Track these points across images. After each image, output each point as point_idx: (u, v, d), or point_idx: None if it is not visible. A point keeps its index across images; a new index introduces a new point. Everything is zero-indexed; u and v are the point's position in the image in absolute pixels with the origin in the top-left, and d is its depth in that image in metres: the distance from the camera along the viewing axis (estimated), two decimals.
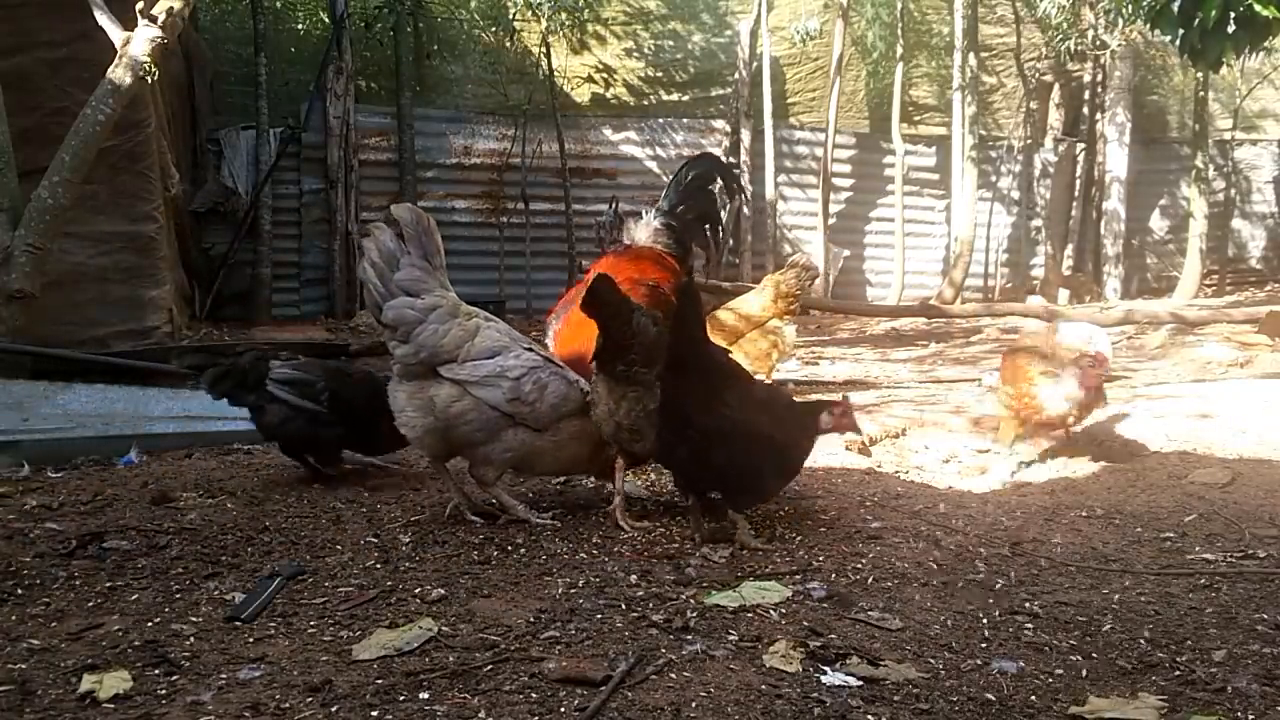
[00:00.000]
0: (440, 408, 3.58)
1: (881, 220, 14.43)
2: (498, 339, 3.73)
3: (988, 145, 14.58)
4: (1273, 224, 16.35)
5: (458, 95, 12.74)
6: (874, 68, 14.14)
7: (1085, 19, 13.51)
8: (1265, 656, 2.57)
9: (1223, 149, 15.58)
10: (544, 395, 3.67)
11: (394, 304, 3.60)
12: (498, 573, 3.16)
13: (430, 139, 12.58)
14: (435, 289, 3.69)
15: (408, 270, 3.64)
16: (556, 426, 3.73)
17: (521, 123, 12.59)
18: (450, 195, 12.80)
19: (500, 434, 3.64)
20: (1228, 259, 15.93)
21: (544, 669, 2.39)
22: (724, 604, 2.86)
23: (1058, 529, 3.77)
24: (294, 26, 12.51)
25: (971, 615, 2.85)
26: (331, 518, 3.78)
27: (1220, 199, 15.63)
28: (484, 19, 12.79)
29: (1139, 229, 15.42)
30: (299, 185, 11.98)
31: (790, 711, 2.22)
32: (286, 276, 11.96)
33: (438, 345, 3.58)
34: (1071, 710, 2.26)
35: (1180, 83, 15.23)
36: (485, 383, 3.59)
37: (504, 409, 3.61)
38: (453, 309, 3.70)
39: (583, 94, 13.22)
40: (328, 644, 2.59)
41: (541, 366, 3.71)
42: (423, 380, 3.61)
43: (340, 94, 11.75)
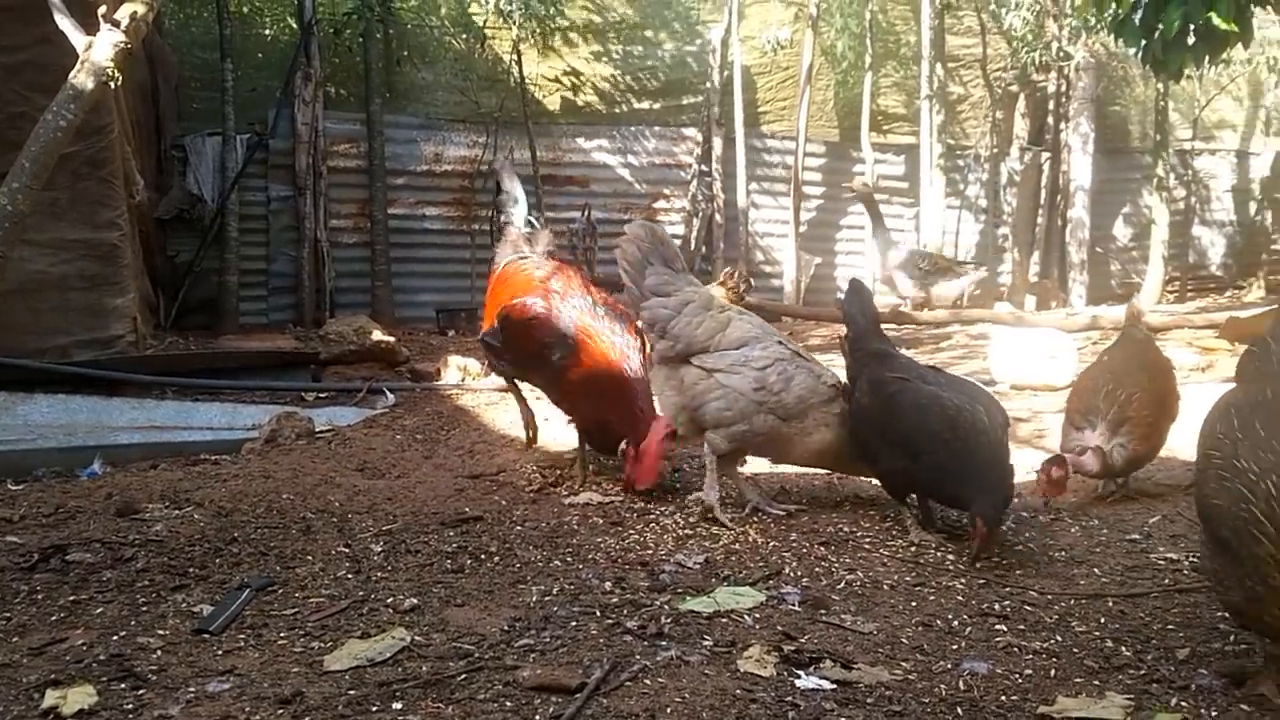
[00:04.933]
0: (688, 385, 3.91)
1: (852, 228, 14.49)
2: (749, 330, 3.99)
3: (955, 154, 14.68)
4: (1231, 232, 16.58)
5: (428, 102, 12.68)
6: (843, 77, 14.21)
7: (1049, 30, 13.65)
8: (1227, 654, 2.61)
9: (1183, 158, 15.79)
10: (790, 386, 3.87)
11: (648, 304, 4.01)
12: (471, 581, 3.15)
13: (400, 146, 12.50)
14: (684, 287, 4.03)
15: (654, 277, 4.02)
16: (804, 416, 3.89)
17: (493, 130, 12.56)
18: (421, 202, 12.72)
19: (750, 418, 3.86)
20: (1188, 266, 16.14)
21: (518, 677, 2.38)
22: (699, 609, 2.87)
23: (1026, 530, 3.80)
24: (261, 32, 12.40)
25: (943, 617, 2.88)
26: (302, 528, 3.75)
27: (1181, 207, 15.83)
28: (454, 26, 12.74)
29: (1103, 237, 15.59)
30: (266, 192, 11.86)
31: (765, 715, 2.23)
32: (254, 284, 11.84)
33: (692, 336, 3.93)
34: (1041, 710, 2.29)
35: (1142, 93, 15.42)
36: (731, 370, 3.87)
37: (750, 396, 3.84)
38: (705, 303, 4.03)
39: (554, 101, 13.20)
40: (299, 655, 2.57)
41: (789, 359, 3.93)
42: (678, 365, 3.96)
43: (309, 100, 11.67)
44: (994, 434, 3.53)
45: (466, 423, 5.96)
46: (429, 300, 12.40)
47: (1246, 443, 2.24)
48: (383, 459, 5.01)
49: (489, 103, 12.54)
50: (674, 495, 4.21)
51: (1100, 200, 15.08)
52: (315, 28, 11.68)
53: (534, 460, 4.83)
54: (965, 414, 3.54)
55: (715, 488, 3.91)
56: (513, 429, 5.64)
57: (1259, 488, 2.12)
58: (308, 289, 11.73)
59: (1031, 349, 6.87)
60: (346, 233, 12.33)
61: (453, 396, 6.92)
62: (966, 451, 3.47)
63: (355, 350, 8.28)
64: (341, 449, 5.17)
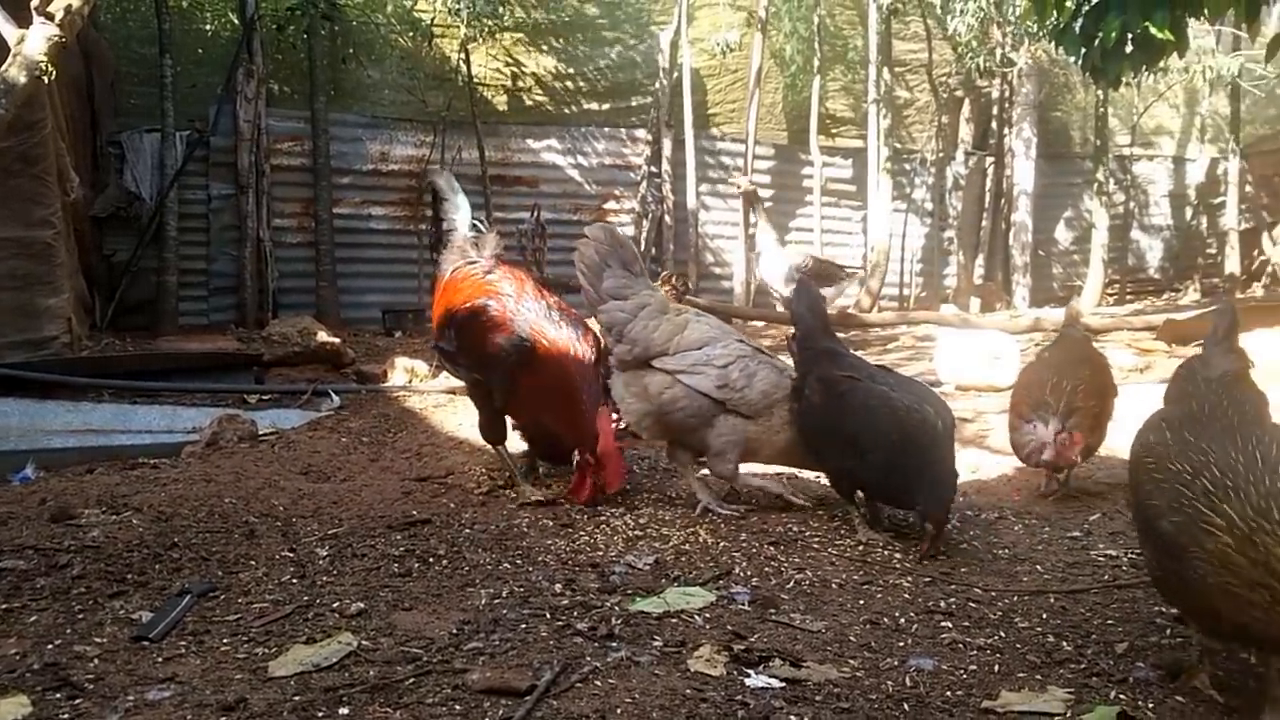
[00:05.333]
0: (654, 394, 3.90)
1: (801, 230, 14.61)
2: (707, 331, 3.99)
3: (902, 158, 14.86)
4: (1168, 236, 16.98)
5: (374, 101, 12.55)
6: (792, 80, 14.32)
7: (993, 37, 13.87)
8: (1164, 647, 2.67)
9: (1122, 164, 16.13)
10: (753, 382, 3.88)
11: (605, 308, 4.02)
12: (419, 585, 3.12)
13: (346, 145, 12.35)
14: (641, 290, 4.05)
15: (611, 280, 4.03)
16: (770, 413, 3.89)
17: (440, 129, 12.47)
18: (367, 202, 12.59)
19: (713, 421, 3.87)
20: (1128, 269, 16.49)
21: (467, 680, 2.36)
22: (649, 610, 2.87)
23: (971, 529, 3.85)
24: (201, 27, 12.16)
25: (890, 615, 2.90)
26: (245, 532, 3.69)
27: (1120, 212, 16.17)
28: (401, 24, 12.62)
29: (1045, 240, 15.88)
30: (207, 190, 11.66)
31: (714, 714, 2.23)
32: (194, 284, 11.63)
33: (649, 339, 3.94)
34: (984, 704, 2.32)
35: (1082, 100, 15.72)
36: (693, 370, 3.88)
37: (713, 395, 3.85)
38: (661, 306, 4.04)
39: (503, 101, 13.14)
40: (242, 662, 2.52)
41: (751, 356, 3.94)
42: (638, 370, 3.96)
43: (251, 97, 11.49)
44: (941, 434, 3.57)
45: (414, 425, 5.90)
46: (375, 301, 12.28)
47: (1177, 447, 2.33)
48: (328, 462, 4.95)
49: (436, 102, 12.44)
50: (623, 496, 4.20)
51: (1042, 204, 15.36)
52: (258, 23, 11.50)
53: (483, 463, 4.80)
54: (914, 414, 3.57)
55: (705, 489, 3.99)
56: (461, 431, 5.60)
57: (1195, 484, 2.20)
58: (250, 289, 11.55)
59: (976, 350, 6.98)
60: (290, 232, 12.17)
61: (400, 398, 6.86)
62: (913, 451, 3.50)
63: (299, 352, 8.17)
64: (285, 452, 5.10)
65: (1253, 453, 2.18)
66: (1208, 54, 13.11)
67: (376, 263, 12.53)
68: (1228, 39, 13.98)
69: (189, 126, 11.45)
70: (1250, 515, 2.07)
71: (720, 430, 3.91)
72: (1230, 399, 2.51)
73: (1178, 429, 2.42)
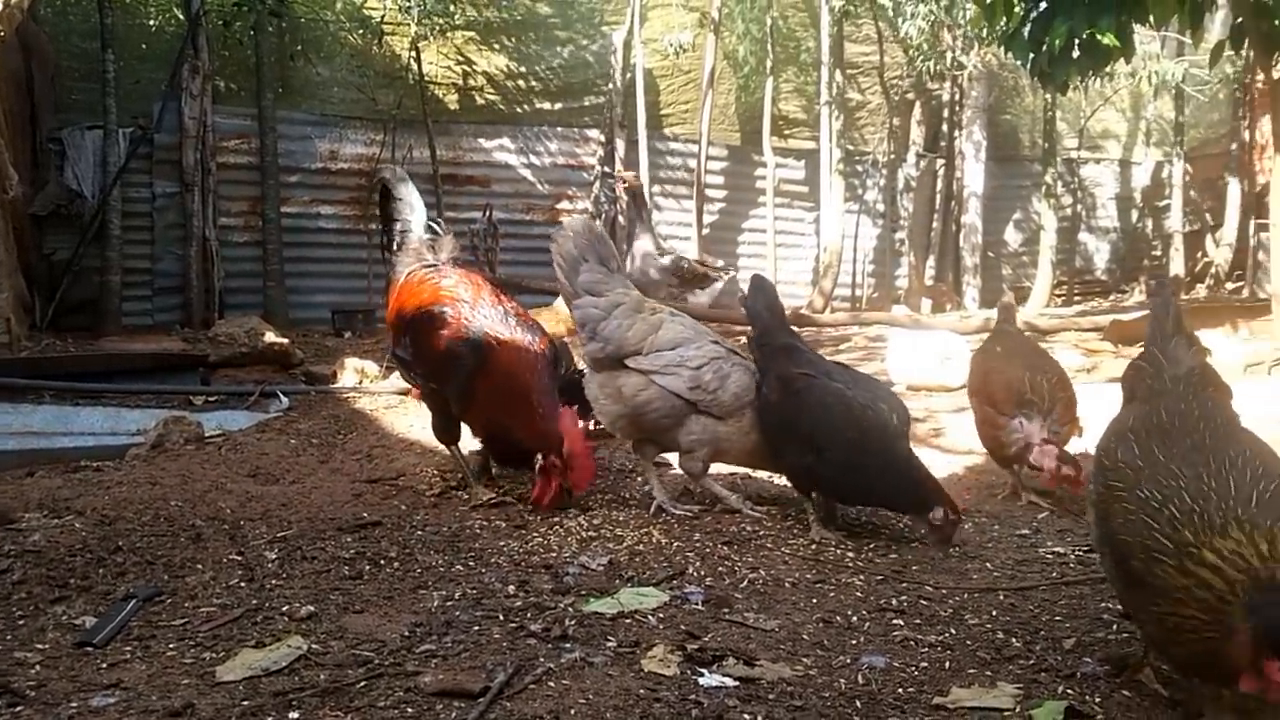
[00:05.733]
0: (628, 395, 3.88)
1: (754, 231, 14.69)
2: (681, 332, 3.97)
3: (854, 159, 15.00)
4: (1115, 238, 17.31)
5: (324, 99, 12.41)
6: (745, 82, 14.39)
7: (944, 41, 14.05)
8: (1110, 642, 2.71)
9: (1070, 167, 16.42)
10: (725, 384, 3.87)
11: (579, 303, 3.98)
12: (370, 587, 3.08)
13: (294, 143, 12.21)
14: (617, 288, 4.01)
15: (587, 274, 4.00)
16: (741, 414, 3.89)
17: (391, 128, 12.37)
18: (316, 201, 12.45)
19: (685, 420, 3.88)
20: (1075, 270, 16.78)
21: (420, 683, 2.34)
22: (602, 611, 2.86)
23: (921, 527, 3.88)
24: (145, 22, 11.93)
25: (842, 614, 2.92)
26: (191, 536, 3.62)
27: (1068, 214, 16.46)
28: (350, 21, 12.49)
29: (995, 242, 16.11)
30: (151, 189, 11.46)
31: (668, 714, 2.23)
32: (138, 284, 11.43)
33: (623, 338, 3.91)
34: (935, 701, 2.34)
35: (1031, 103, 15.98)
36: (666, 371, 3.87)
37: (686, 396, 3.85)
38: (636, 305, 4.01)
39: (454, 100, 13.06)
40: (189, 666, 2.48)
41: (724, 357, 3.93)
42: (612, 371, 3.93)
43: (196, 94, 11.30)
44: (896, 431, 3.59)
45: (364, 426, 5.84)
46: (324, 301, 12.14)
47: (1147, 470, 2.23)
48: (276, 464, 4.88)
49: (387, 100, 12.34)
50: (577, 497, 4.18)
51: (992, 206, 15.59)
52: (203, 19, 11.33)
53: (434, 464, 4.76)
54: (870, 412, 3.59)
55: (661, 488, 3.99)
56: (412, 432, 5.55)
57: (1161, 514, 2.10)
58: (196, 289, 11.37)
59: (927, 351, 7.05)
60: (237, 231, 12.01)
61: (350, 399, 6.78)
62: (871, 450, 3.52)
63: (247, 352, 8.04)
64: (233, 454, 5.02)
65: (1226, 478, 2.09)
66: (1153, 59, 13.39)
67: (326, 262, 12.40)
68: (1172, 45, 14.30)
69: (132, 123, 11.26)
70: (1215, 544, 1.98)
71: (692, 430, 3.91)
72: (1200, 405, 2.40)
73: (1146, 444, 2.32)
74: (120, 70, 11.09)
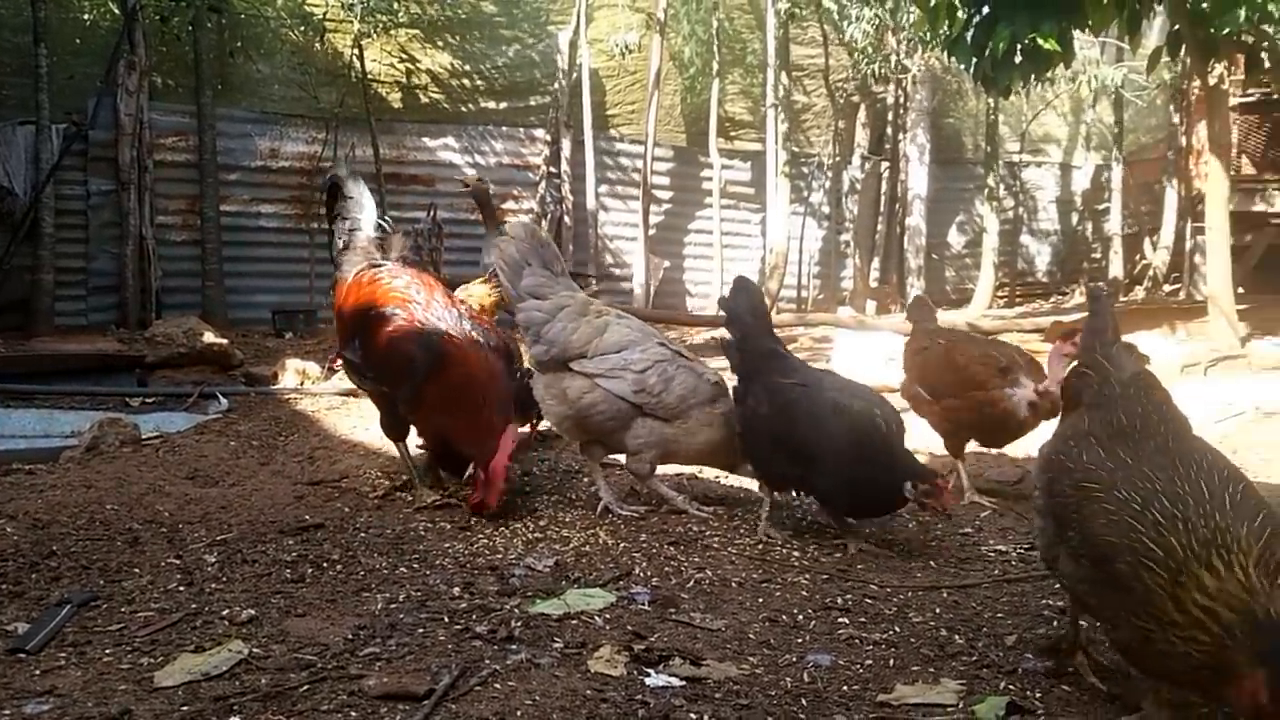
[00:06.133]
0: (572, 398, 3.89)
1: (700, 232, 14.73)
2: (626, 334, 3.97)
3: (800, 161, 15.12)
4: (1056, 241, 17.64)
5: (264, 96, 12.20)
6: (691, 83, 14.43)
7: (889, 44, 14.21)
8: (1051, 639, 2.76)
9: (1012, 170, 16.69)
10: (670, 386, 3.88)
11: (523, 306, 3.99)
12: (313, 590, 3.04)
13: (234, 140, 12.00)
14: (561, 291, 4.01)
15: (530, 278, 3.99)
16: (687, 416, 3.90)
17: (333, 126, 12.21)
18: (256, 200, 12.24)
19: (631, 423, 3.90)
20: (1017, 272, 17.05)
21: (364, 686, 2.31)
22: (549, 612, 2.85)
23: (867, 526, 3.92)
24: (79, 16, 11.65)
25: (788, 613, 2.94)
26: (128, 540, 3.55)
27: (1010, 217, 16.72)
28: (291, 18, 12.31)
29: (938, 244, 16.33)
30: (86, 186, 11.19)
31: (615, 714, 2.23)
32: (72, 284, 11.15)
33: (567, 341, 3.92)
34: (880, 698, 2.37)
35: (974, 107, 16.21)
36: (610, 375, 3.88)
37: (630, 399, 3.86)
38: (580, 308, 4.01)
39: (397, 99, 12.93)
40: (126, 672, 2.43)
41: (670, 360, 3.93)
42: (557, 373, 3.94)
43: (133, 90, 11.05)
44: (895, 440, 3.57)
45: (306, 428, 5.76)
46: (265, 301, 11.95)
47: (1121, 472, 2.22)
48: (216, 466, 4.79)
49: (329, 98, 12.18)
50: (523, 499, 4.16)
51: (936, 209, 15.80)
52: (140, 14, 11.08)
53: (378, 466, 4.71)
54: (868, 421, 3.54)
55: (608, 488, 4.00)
56: (355, 434, 5.49)
57: (1145, 516, 2.09)
58: (132, 289, 11.13)
59: (872, 351, 7.14)
60: (175, 230, 11.77)
61: (291, 401, 6.69)
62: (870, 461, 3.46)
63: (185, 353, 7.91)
64: (171, 456, 4.92)
65: (1197, 481, 2.10)
66: (1093, 65, 13.65)
67: (266, 262, 12.20)
68: (1111, 51, 14.60)
69: (66, 119, 10.98)
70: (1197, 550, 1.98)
71: (638, 433, 3.93)
72: (1155, 409, 2.40)
73: (1112, 448, 2.31)
74: (54, 65, 10.81)
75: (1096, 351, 2.64)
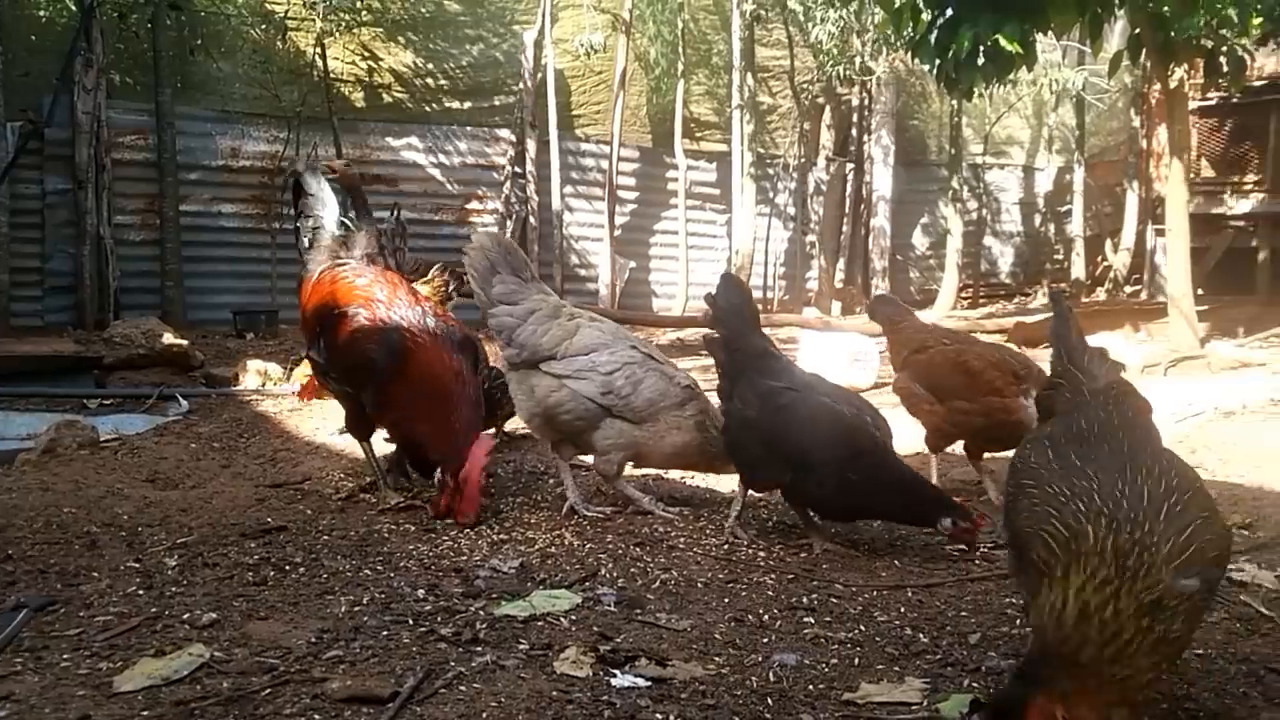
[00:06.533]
0: (540, 396, 3.94)
1: (666, 233, 14.75)
2: (597, 337, 3.99)
3: (765, 163, 15.19)
4: (1019, 242, 17.84)
5: (225, 94, 12.07)
6: (656, 84, 14.45)
7: (853, 46, 14.30)
8: (1014, 637, 2.78)
9: (975, 172, 16.86)
10: (639, 389, 3.91)
11: (494, 312, 4.03)
12: (275, 593, 3.01)
13: (194, 139, 11.86)
14: (531, 296, 4.06)
15: (500, 285, 4.04)
16: (656, 419, 3.93)
17: (295, 125, 12.10)
18: (216, 199, 12.13)
19: (599, 424, 3.92)
20: (980, 274, 17.22)
21: (327, 689, 2.29)
22: (514, 614, 2.84)
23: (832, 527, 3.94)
24: (34, 12, 11.47)
25: (754, 612, 2.95)
26: (86, 543, 3.49)
27: (974, 218, 16.89)
28: (253, 16, 12.19)
29: (903, 245, 16.47)
30: (42, 185, 11.02)
31: (581, 715, 2.22)
32: (28, 284, 10.99)
33: (537, 344, 3.96)
34: (845, 697, 2.37)
35: (938, 109, 16.35)
36: (578, 376, 3.91)
37: (598, 401, 3.89)
38: (552, 311, 4.04)
39: (360, 98, 12.84)
40: (84, 677, 2.39)
41: (639, 363, 3.95)
42: (527, 371, 3.99)
43: (90, 88, 10.90)
44: (886, 446, 3.56)
45: (268, 429, 5.71)
46: (226, 302, 11.82)
47: (1060, 469, 2.21)
48: (176, 468, 4.73)
49: (291, 97, 12.07)
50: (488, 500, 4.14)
51: (900, 210, 15.93)
52: (97, 10, 10.92)
53: (341, 467, 4.67)
54: (860, 427, 3.52)
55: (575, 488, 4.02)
56: (317, 435, 5.45)
57: (1067, 507, 2.08)
58: (89, 289, 10.98)
59: (838, 352, 7.17)
60: (134, 229, 11.63)
61: (252, 402, 6.63)
62: (863, 466, 3.43)
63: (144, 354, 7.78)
64: (130, 459, 4.86)
65: (1140, 486, 2.07)
66: (1054, 68, 13.81)
67: (227, 262, 12.08)
68: (1073, 54, 14.78)
69: (21, 117, 10.79)
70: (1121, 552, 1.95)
71: (607, 434, 3.95)
72: (1121, 415, 2.38)
73: (1063, 447, 2.30)
74: (9, 62, 10.65)
75: (1067, 361, 2.63)
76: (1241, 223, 13.45)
